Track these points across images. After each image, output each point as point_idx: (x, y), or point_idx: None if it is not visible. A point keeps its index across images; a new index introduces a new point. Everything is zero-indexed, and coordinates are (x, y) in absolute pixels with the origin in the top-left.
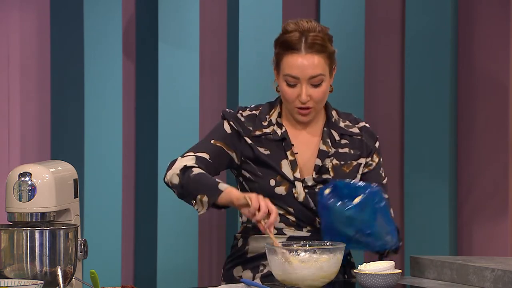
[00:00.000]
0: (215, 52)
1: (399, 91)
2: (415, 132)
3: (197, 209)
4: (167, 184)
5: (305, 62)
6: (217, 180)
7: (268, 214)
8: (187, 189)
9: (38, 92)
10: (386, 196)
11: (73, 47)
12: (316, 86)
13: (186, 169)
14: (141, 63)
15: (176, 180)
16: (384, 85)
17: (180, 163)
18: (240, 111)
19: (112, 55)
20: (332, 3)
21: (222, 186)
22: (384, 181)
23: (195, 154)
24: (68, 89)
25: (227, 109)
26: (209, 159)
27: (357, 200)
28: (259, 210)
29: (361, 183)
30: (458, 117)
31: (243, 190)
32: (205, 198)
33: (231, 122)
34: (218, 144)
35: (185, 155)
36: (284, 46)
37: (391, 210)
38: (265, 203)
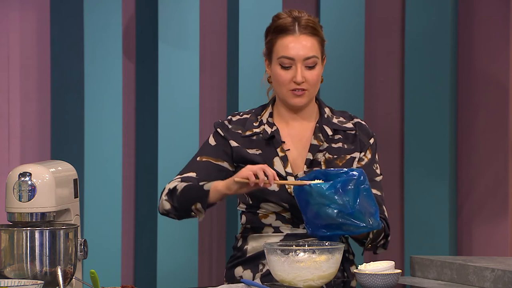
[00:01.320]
0: (215, 52)
1: (399, 91)
2: (415, 132)
3: (198, 218)
4: (162, 214)
5: (299, 43)
6: (200, 183)
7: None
8: (180, 207)
9: (38, 92)
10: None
11: (73, 47)
12: (310, 68)
13: (171, 191)
14: (141, 63)
15: (167, 206)
16: (384, 85)
17: (166, 189)
18: (230, 117)
19: (112, 55)
20: (332, 3)
21: (207, 186)
22: (377, 178)
23: (181, 176)
24: (68, 89)
25: (218, 120)
26: (196, 176)
27: (339, 180)
28: (256, 176)
29: (341, 169)
30: (458, 117)
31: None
32: (198, 206)
33: (218, 129)
34: (204, 160)
35: (171, 180)
36: (277, 30)
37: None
38: (257, 167)
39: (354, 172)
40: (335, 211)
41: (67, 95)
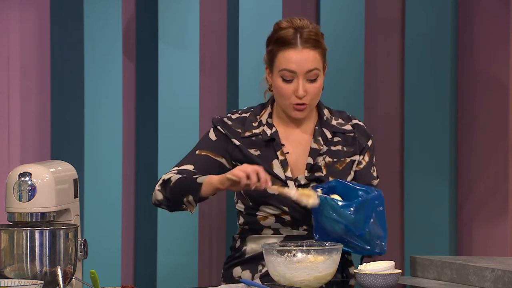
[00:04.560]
0: (215, 52)
1: (399, 91)
2: (415, 132)
3: (189, 210)
4: (155, 204)
5: (301, 57)
6: (194, 176)
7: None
8: (172, 198)
9: (38, 92)
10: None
11: (73, 47)
12: (312, 81)
13: (165, 182)
14: (141, 63)
15: (160, 196)
16: (384, 85)
17: (161, 179)
18: (229, 114)
19: (112, 55)
20: (332, 3)
21: (200, 179)
22: (374, 182)
23: (178, 168)
24: (68, 89)
25: (216, 116)
26: (193, 169)
27: (355, 201)
28: (248, 178)
29: (362, 186)
30: (458, 117)
31: (238, 192)
32: (190, 198)
33: (218, 127)
34: (203, 154)
35: (167, 172)
36: (279, 42)
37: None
38: (251, 168)
39: (372, 194)
40: (344, 228)
41: (67, 95)
